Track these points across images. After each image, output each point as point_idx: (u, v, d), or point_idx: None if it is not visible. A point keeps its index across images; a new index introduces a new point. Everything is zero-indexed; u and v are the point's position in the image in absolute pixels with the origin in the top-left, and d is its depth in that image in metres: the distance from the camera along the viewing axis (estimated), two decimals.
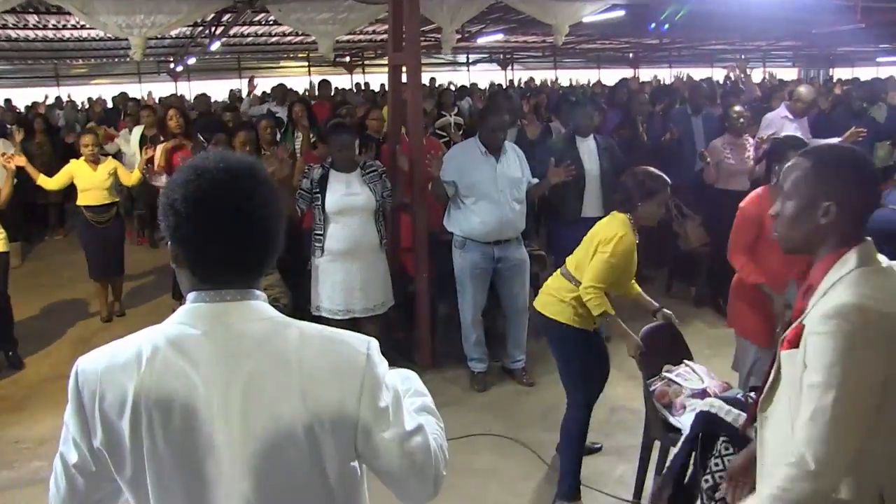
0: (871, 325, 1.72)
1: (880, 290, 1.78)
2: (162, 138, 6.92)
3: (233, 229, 1.37)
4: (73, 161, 6.60)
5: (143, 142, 8.11)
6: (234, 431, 1.34)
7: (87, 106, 15.29)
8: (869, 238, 1.89)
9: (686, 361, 3.88)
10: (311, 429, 1.35)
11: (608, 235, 3.63)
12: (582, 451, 3.88)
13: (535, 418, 4.79)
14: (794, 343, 1.85)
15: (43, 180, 6.40)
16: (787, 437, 1.82)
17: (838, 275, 1.83)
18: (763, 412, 2.04)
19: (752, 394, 3.04)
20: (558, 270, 3.93)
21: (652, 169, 3.74)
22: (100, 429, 1.36)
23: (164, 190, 1.41)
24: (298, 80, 19.53)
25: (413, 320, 5.57)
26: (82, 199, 6.50)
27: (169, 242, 1.41)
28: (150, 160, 6.61)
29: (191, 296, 1.42)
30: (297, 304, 5.05)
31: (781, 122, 6.63)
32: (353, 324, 4.80)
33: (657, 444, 3.77)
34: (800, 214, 1.91)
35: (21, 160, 6.11)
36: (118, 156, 8.60)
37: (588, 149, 5.68)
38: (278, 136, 6.67)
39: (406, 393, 1.58)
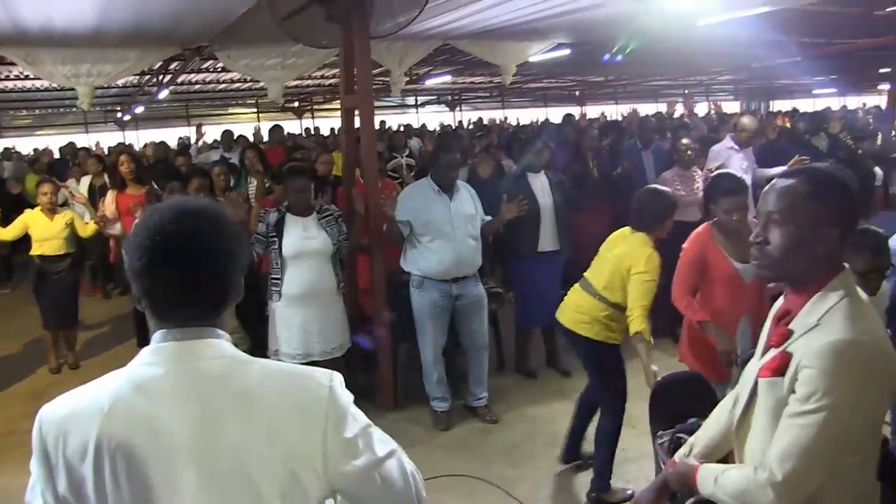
0: (867, 362, 1.69)
1: (870, 322, 1.76)
2: (110, 186, 6.83)
3: (190, 268, 1.38)
4: (28, 211, 6.52)
5: (92, 191, 8.01)
6: (199, 471, 1.32)
7: (33, 156, 15.04)
8: (846, 265, 1.85)
9: None
10: (280, 465, 1.34)
11: (639, 257, 3.88)
12: (615, 450, 4.14)
13: (500, 455, 4.77)
14: (779, 371, 1.80)
15: None
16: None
17: (827, 304, 1.77)
18: (739, 438, 2.01)
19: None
20: (578, 287, 4.24)
21: (662, 188, 4.20)
22: (63, 475, 1.35)
23: (130, 233, 1.43)
24: (247, 126, 19.49)
25: (372, 362, 5.53)
26: (37, 249, 6.39)
27: (132, 284, 1.42)
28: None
29: (155, 336, 1.42)
30: (255, 348, 4.99)
31: (728, 153, 6.78)
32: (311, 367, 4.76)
33: None
34: (800, 242, 1.80)
35: None
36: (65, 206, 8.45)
37: (540, 184, 5.75)
38: (231, 182, 6.64)
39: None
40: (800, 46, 9.05)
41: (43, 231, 6.34)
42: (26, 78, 10.54)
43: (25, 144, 18.20)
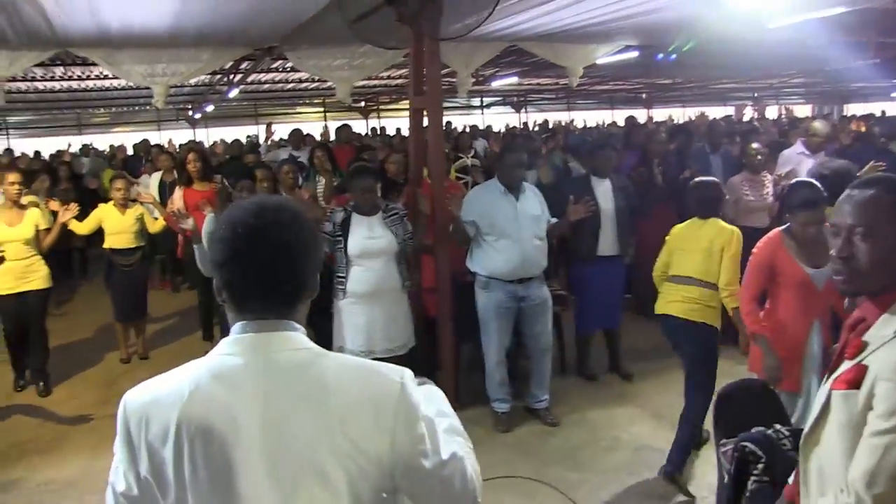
0: None
1: None
2: (178, 182, 7.03)
3: (267, 260, 1.45)
4: (101, 205, 6.77)
5: (162, 187, 8.21)
6: (272, 459, 1.38)
7: (109, 153, 15.52)
8: None
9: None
10: (348, 457, 1.39)
11: (729, 239, 4.26)
12: (698, 431, 4.55)
13: (561, 458, 4.76)
14: (854, 384, 1.73)
15: (74, 225, 6.52)
16: (835, 477, 1.76)
17: None
18: (808, 450, 1.92)
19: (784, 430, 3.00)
20: (674, 284, 4.49)
21: (707, 179, 4.69)
22: (145, 458, 1.42)
23: (214, 227, 1.53)
24: (314, 125, 19.74)
25: (435, 362, 5.57)
26: (109, 242, 6.65)
27: (214, 275, 1.49)
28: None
29: (234, 327, 1.49)
30: (318, 343, 5.05)
31: (799, 159, 6.66)
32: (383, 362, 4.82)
33: None
34: (888, 256, 1.73)
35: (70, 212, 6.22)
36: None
37: (604, 189, 5.72)
38: (300, 181, 6.74)
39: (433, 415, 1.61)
40: (878, 47, 8.78)
41: (115, 225, 6.59)
42: (105, 77, 10.85)
43: (102, 141, 18.77)
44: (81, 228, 6.65)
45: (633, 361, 6.18)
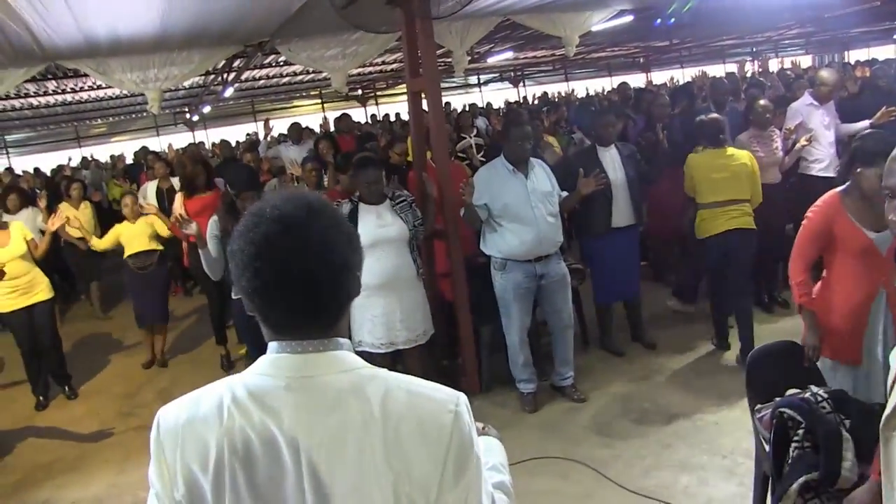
0: None
1: None
2: (179, 189, 6.96)
3: (310, 289, 1.31)
4: (117, 225, 6.91)
5: (160, 195, 8.15)
6: (318, 489, 1.28)
7: (111, 163, 15.50)
8: None
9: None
10: (394, 488, 1.28)
11: (746, 159, 5.47)
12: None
13: (590, 434, 4.70)
14: None
15: (95, 242, 6.78)
16: None
17: None
18: (888, 432, 1.79)
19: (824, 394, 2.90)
20: (725, 208, 5.43)
21: (711, 115, 5.69)
22: (181, 481, 1.31)
23: (231, 243, 1.36)
24: (313, 117, 19.66)
25: (456, 346, 5.50)
26: (127, 251, 6.77)
27: (242, 298, 1.36)
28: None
29: (272, 346, 1.36)
30: None
31: (808, 111, 6.51)
32: (396, 355, 4.75)
33: None
34: None
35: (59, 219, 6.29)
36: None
37: (611, 158, 5.60)
38: (324, 181, 6.54)
39: (485, 465, 1.49)
40: None
41: (129, 234, 6.73)
42: (99, 87, 10.82)
43: (102, 152, 18.75)
44: (101, 244, 6.86)
45: (655, 330, 6.10)
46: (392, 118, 16.78)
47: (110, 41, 6.48)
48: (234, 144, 13.29)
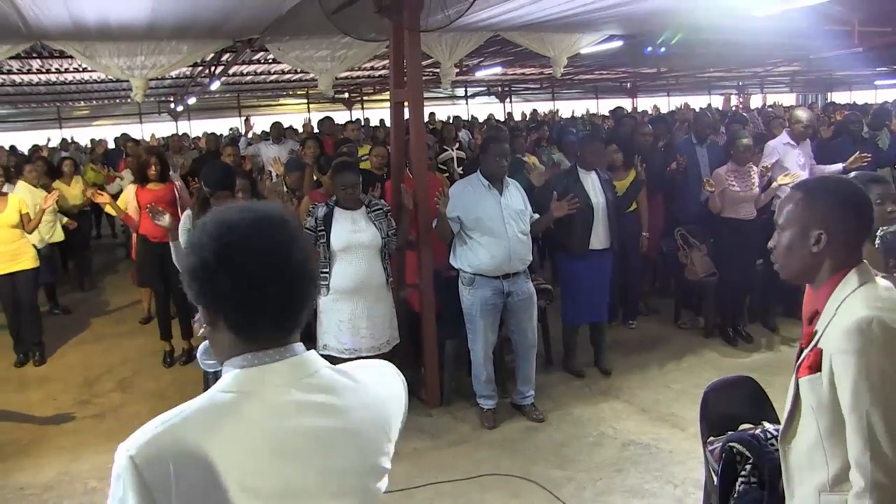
0: (890, 332, 1.79)
1: (887, 302, 1.86)
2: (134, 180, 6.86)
3: (277, 281, 1.31)
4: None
5: None
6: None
7: (90, 147, 15.38)
8: (865, 261, 1.97)
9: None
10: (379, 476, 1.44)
11: None
12: None
13: (547, 455, 4.71)
14: (815, 367, 1.90)
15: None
16: (816, 463, 1.90)
17: (843, 294, 1.91)
18: (786, 443, 2.08)
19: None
20: None
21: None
22: None
23: (191, 249, 1.33)
24: (298, 116, 19.62)
25: (419, 358, 5.51)
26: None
27: (199, 305, 1.35)
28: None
29: (236, 360, 1.33)
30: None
31: (785, 150, 6.61)
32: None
33: None
34: (793, 244, 1.99)
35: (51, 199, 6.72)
36: (118, 196, 8.53)
37: (592, 182, 5.67)
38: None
39: None
40: (861, 36, 8.75)
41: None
42: (84, 70, 10.73)
43: (83, 135, 18.59)
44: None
45: (618, 356, 6.14)
46: (376, 123, 16.78)
47: (99, 25, 6.46)
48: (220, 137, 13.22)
